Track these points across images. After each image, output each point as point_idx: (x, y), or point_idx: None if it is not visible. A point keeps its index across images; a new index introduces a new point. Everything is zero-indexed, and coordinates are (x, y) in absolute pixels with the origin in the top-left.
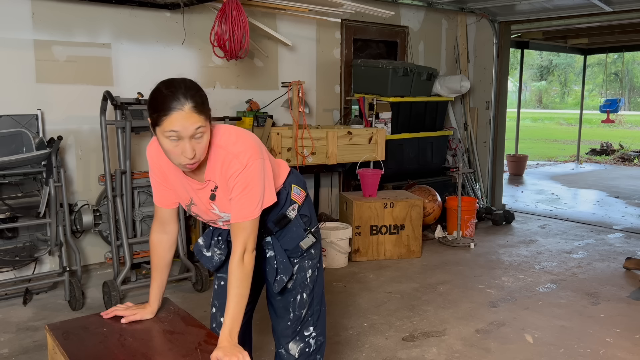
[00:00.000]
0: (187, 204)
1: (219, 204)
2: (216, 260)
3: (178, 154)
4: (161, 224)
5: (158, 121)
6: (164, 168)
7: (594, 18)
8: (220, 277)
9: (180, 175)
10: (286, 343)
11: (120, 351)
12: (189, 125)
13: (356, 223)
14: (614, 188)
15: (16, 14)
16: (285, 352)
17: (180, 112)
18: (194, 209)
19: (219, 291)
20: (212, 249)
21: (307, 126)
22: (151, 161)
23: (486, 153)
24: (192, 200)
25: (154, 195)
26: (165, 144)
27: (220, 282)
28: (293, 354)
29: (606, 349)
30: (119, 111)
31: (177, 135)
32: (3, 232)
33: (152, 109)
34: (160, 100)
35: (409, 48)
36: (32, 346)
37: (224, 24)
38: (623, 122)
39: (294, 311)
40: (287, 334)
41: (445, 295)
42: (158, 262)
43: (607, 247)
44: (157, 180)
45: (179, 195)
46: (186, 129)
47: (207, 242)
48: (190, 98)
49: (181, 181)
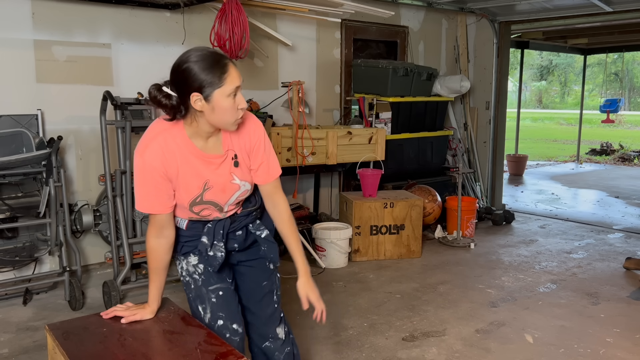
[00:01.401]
0: (198, 194)
1: (239, 172)
2: (220, 257)
3: (234, 110)
4: (158, 229)
5: (220, 82)
6: (171, 164)
7: (594, 18)
8: (215, 288)
9: (195, 162)
10: (275, 329)
11: (120, 351)
12: (240, 75)
13: (356, 223)
14: (614, 188)
15: (16, 14)
16: (273, 340)
17: (232, 65)
18: (208, 194)
19: (220, 302)
20: (214, 247)
21: (307, 126)
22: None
23: (486, 153)
24: (206, 184)
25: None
26: (227, 103)
27: (219, 292)
28: (281, 337)
29: (606, 349)
30: (119, 111)
31: (237, 89)
32: (3, 232)
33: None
34: (211, 62)
35: (409, 48)
36: (32, 346)
37: (224, 24)
38: (623, 122)
39: (277, 292)
40: (275, 317)
41: (445, 295)
42: (156, 266)
43: (607, 247)
44: (154, 186)
45: (188, 189)
46: (240, 79)
47: (211, 241)
48: (224, 55)
49: (195, 168)
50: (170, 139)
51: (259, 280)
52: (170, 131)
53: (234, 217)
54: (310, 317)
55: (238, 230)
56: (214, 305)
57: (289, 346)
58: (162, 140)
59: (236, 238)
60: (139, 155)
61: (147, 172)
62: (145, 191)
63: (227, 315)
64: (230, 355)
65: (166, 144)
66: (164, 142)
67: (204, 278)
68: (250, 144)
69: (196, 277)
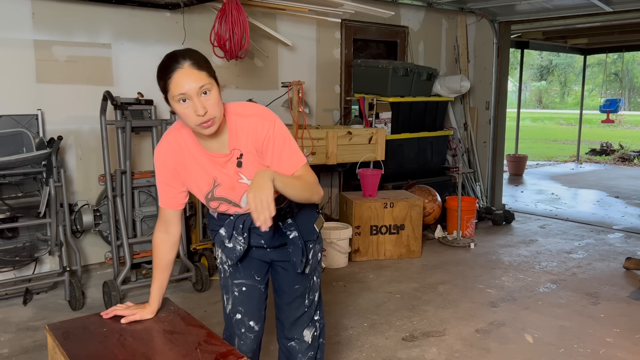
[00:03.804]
0: (209, 190)
1: (246, 172)
2: (239, 250)
3: (191, 115)
4: (164, 224)
5: (166, 87)
6: (180, 161)
7: (594, 18)
8: (240, 283)
9: (202, 159)
10: (302, 331)
11: (120, 351)
12: (191, 82)
13: (356, 223)
14: (614, 188)
15: (16, 14)
16: (298, 342)
17: (180, 70)
18: (219, 191)
19: (241, 297)
20: (234, 239)
21: (307, 126)
22: (161, 161)
23: (486, 153)
24: (215, 181)
25: (160, 197)
26: (178, 109)
27: (242, 288)
28: (307, 341)
29: (606, 349)
30: (119, 111)
31: (184, 96)
32: (3, 232)
33: (159, 79)
34: (161, 67)
35: (409, 48)
36: (32, 346)
37: (224, 24)
38: (623, 122)
39: (309, 296)
40: (303, 321)
41: (445, 295)
42: (159, 262)
43: (607, 247)
44: (164, 181)
45: (199, 185)
46: (190, 86)
47: (229, 233)
48: (188, 57)
49: (202, 165)
50: (181, 138)
51: (291, 282)
52: (184, 130)
53: None
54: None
55: None
56: (236, 298)
57: (314, 351)
58: (172, 139)
59: (262, 234)
60: (155, 152)
61: (159, 166)
62: (159, 184)
63: (246, 311)
64: (230, 355)
65: (176, 142)
66: (175, 140)
67: (232, 270)
68: (258, 142)
69: (225, 267)
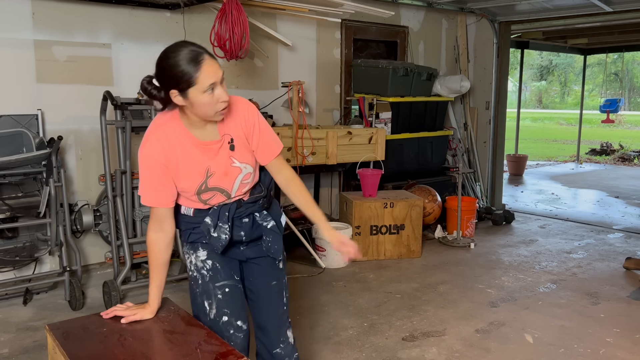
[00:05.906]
0: (202, 181)
1: (237, 155)
2: (224, 239)
3: (215, 103)
4: (158, 223)
5: (192, 82)
6: (171, 157)
7: (594, 18)
8: (222, 285)
9: (194, 151)
10: (286, 332)
11: (120, 351)
12: (218, 70)
13: (356, 223)
14: (614, 188)
15: (16, 14)
16: (284, 345)
17: (207, 60)
18: (212, 180)
19: (226, 299)
20: (218, 229)
21: (307, 126)
22: (150, 160)
23: (486, 153)
24: (208, 171)
25: (149, 197)
26: (203, 99)
27: (225, 289)
28: (291, 342)
29: (606, 349)
30: (119, 111)
31: (214, 85)
32: (3, 232)
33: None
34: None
35: (409, 48)
36: (32, 346)
37: (224, 24)
38: (623, 122)
39: (285, 294)
40: (284, 320)
41: (445, 295)
42: (155, 261)
43: (607, 247)
44: (157, 180)
45: (191, 177)
46: (219, 74)
47: (214, 222)
48: (200, 47)
49: (194, 157)
50: (170, 132)
51: (268, 278)
52: (170, 124)
53: (240, 202)
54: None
55: (244, 217)
56: (220, 301)
57: (296, 352)
58: (161, 134)
59: (242, 225)
60: (141, 149)
61: (148, 165)
62: (147, 184)
63: (232, 312)
64: (230, 355)
65: (166, 136)
66: (164, 135)
67: (212, 274)
68: (247, 126)
69: (204, 273)
